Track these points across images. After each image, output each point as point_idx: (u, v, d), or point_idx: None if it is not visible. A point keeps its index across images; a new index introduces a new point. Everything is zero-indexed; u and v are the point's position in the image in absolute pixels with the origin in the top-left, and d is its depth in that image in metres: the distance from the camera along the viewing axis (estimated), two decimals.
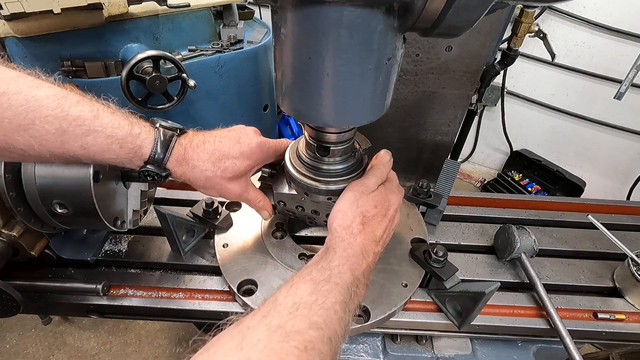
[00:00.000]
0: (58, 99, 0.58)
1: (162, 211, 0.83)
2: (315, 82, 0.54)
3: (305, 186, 0.74)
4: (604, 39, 2.42)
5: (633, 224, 1.10)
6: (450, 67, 1.39)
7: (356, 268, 0.63)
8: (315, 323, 0.51)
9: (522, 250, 0.89)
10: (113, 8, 1.73)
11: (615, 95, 1.95)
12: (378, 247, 0.70)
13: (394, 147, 1.69)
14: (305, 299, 0.54)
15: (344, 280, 0.60)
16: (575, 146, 2.90)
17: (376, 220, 0.70)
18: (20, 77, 0.57)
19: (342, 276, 0.60)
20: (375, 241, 0.69)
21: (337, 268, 0.61)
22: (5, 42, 1.73)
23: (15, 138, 0.56)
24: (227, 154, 0.71)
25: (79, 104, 0.60)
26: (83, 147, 0.60)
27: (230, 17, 2.27)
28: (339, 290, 0.58)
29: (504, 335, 0.87)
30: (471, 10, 0.45)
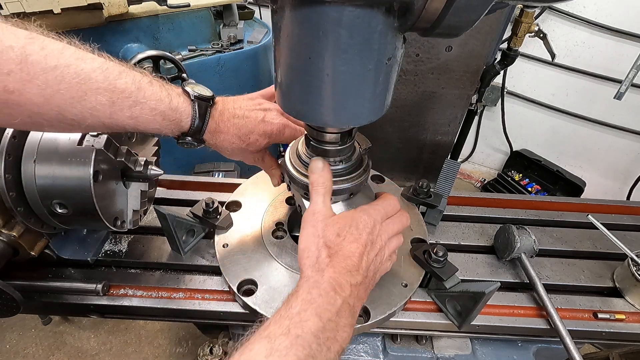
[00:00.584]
0: (103, 71, 0.59)
1: (162, 211, 0.83)
2: (315, 82, 0.54)
3: (306, 186, 0.74)
4: (604, 39, 2.42)
5: (633, 224, 1.10)
6: (450, 67, 1.39)
7: (326, 310, 0.55)
8: None
9: (522, 250, 0.89)
10: (113, 8, 1.73)
11: (615, 95, 1.95)
12: (357, 276, 0.61)
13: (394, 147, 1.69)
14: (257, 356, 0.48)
15: (307, 330, 0.52)
16: (575, 146, 2.90)
17: (347, 247, 0.62)
18: (65, 49, 0.56)
19: (304, 325, 0.52)
20: (350, 271, 0.60)
21: (298, 316, 0.53)
22: None
23: (69, 110, 0.57)
24: (252, 130, 0.77)
25: (121, 75, 0.61)
26: (131, 118, 0.63)
27: (230, 17, 2.27)
28: (300, 344, 0.50)
29: (504, 335, 0.87)
30: (471, 10, 0.45)
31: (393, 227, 0.71)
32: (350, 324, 0.58)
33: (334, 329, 0.55)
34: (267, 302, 0.78)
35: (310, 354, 0.50)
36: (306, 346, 0.50)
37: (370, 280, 0.65)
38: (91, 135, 0.74)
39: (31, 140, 0.74)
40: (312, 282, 0.58)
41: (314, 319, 0.53)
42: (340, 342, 0.55)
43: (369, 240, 0.65)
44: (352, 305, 0.59)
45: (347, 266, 0.61)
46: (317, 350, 0.51)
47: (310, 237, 0.64)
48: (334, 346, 0.54)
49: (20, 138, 0.73)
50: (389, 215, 0.71)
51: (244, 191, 1.04)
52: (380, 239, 0.67)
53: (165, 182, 1.16)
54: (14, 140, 0.72)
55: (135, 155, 0.85)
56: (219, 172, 2.28)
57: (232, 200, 1.00)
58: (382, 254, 0.68)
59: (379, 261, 0.67)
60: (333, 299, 0.57)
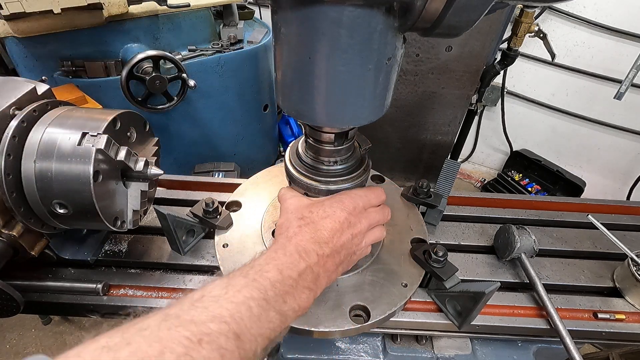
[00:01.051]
0: None
1: (162, 211, 0.83)
2: (315, 82, 0.54)
3: (305, 186, 0.74)
4: (604, 39, 2.42)
5: (633, 224, 1.10)
6: (450, 67, 1.39)
7: (287, 267, 0.57)
8: (219, 316, 0.46)
9: (522, 250, 0.89)
10: (113, 8, 1.73)
11: (615, 95, 1.95)
12: (326, 248, 0.62)
13: (394, 147, 1.69)
14: (214, 292, 0.50)
15: (266, 277, 0.54)
16: (575, 146, 2.90)
17: (321, 222, 0.64)
18: None
19: (263, 273, 0.54)
20: (318, 242, 0.61)
21: (259, 266, 0.56)
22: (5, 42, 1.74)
23: None
24: None
25: None
26: None
27: (230, 17, 2.27)
28: (255, 286, 0.52)
29: (504, 335, 0.87)
30: (471, 10, 0.45)
31: (375, 217, 0.71)
32: (311, 290, 0.59)
33: (292, 286, 0.56)
34: None
35: (265, 297, 0.52)
36: (262, 289, 0.52)
37: (342, 259, 0.65)
38: (91, 135, 0.74)
39: (31, 140, 0.74)
40: (279, 245, 0.61)
41: (274, 271, 0.55)
42: (297, 301, 0.56)
43: (346, 221, 0.66)
44: (317, 274, 0.60)
45: (316, 237, 0.62)
46: (272, 297, 0.53)
47: (287, 214, 0.68)
48: (290, 301, 0.55)
49: (20, 138, 0.73)
50: (373, 204, 0.72)
51: (244, 191, 1.04)
52: (361, 223, 0.68)
53: (165, 182, 1.16)
54: (14, 140, 0.72)
55: (135, 155, 0.85)
56: (219, 172, 2.29)
57: (232, 200, 1.00)
58: (360, 237, 0.68)
59: (355, 243, 0.67)
60: (297, 261, 0.58)
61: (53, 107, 0.82)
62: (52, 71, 1.85)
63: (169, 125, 2.21)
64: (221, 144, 2.52)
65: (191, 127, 2.31)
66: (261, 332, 0.50)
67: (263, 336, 0.50)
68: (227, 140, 2.54)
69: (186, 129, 2.30)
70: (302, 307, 0.58)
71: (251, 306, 0.50)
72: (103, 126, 0.76)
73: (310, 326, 0.73)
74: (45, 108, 0.80)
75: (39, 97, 0.82)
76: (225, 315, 0.47)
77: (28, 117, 0.75)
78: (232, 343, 0.45)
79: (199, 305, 0.47)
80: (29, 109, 0.76)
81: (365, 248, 0.72)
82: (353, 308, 0.77)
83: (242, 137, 2.60)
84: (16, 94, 0.77)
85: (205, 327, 0.44)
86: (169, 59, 1.88)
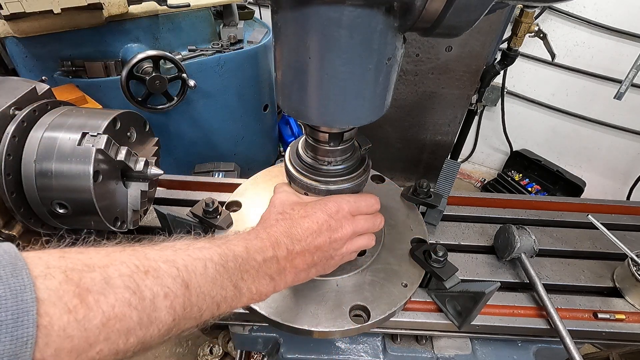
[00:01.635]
0: None
1: (162, 211, 0.83)
2: (315, 82, 0.54)
3: (305, 186, 0.74)
4: (604, 39, 2.42)
5: (633, 224, 1.10)
6: (450, 67, 1.39)
7: (255, 250, 0.56)
8: (172, 261, 0.46)
9: (522, 250, 0.89)
10: (113, 8, 1.73)
11: (615, 95, 1.95)
12: (297, 245, 0.61)
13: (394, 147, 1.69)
14: (176, 246, 0.50)
15: (231, 249, 0.54)
16: (575, 146, 2.90)
17: (298, 220, 0.64)
18: None
19: (230, 245, 0.54)
20: (291, 237, 0.61)
21: (229, 239, 0.56)
22: (5, 42, 1.74)
23: None
24: None
25: None
26: None
27: (230, 17, 2.27)
28: (218, 252, 0.52)
29: (504, 335, 0.87)
30: (471, 10, 0.45)
31: (363, 224, 0.70)
32: (273, 279, 0.59)
33: (255, 268, 0.56)
34: (267, 302, 0.78)
35: (224, 265, 0.51)
36: (223, 257, 0.52)
37: (316, 260, 0.64)
38: (91, 135, 0.74)
39: (31, 140, 0.74)
40: (254, 230, 0.61)
41: (241, 247, 0.55)
42: (256, 284, 0.56)
43: (326, 223, 0.65)
44: (283, 267, 0.60)
45: (290, 232, 0.62)
46: (232, 269, 0.52)
47: (271, 207, 0.69)
48: (248, 281, 0.54)
49: (20, 138, 0.74)
50: (362, 212, 0.70)
51: (244, 191, 1.04)
52: (343, 228, 0.66)
53: (165, 182, 1.16)
54: (14, 140, 0.72)
55: (135, 155, 0.85)
56: (219, 172, 2.29)
57: (232, 200, 1.00)
58: (340, 243, 0.66)
59: (334, 247, 0.66)
60: (266, 247, 0.58)
61: (53, 107, 0.82)
62: (52, 71, 1.85)
63: (169, 125, 2.21)
64: (221, 144, 2.52)
65: (191, 127, 2.31)
66: (212, 295, 0.49)
67: (213, 300, 0.50)
68: (227, 140, 2.54)
69: (186, 129, 2.30)
70: (259, 293, 0.57)
71: (207, 266, 0.49)
72: (103, 126, 0.76)
73: (310, 326, 0.73)
74: (45, 108, 0.80)
75: (39, 97, 0.82)
76: (179, 263, 0.47)
77: (28, 117, 0.75)
78: (178, 288, 0.45)
79: (157, 249, 0.47)
80: (29, 109, 0.76)
81: (348, 254, 0.70)
82: (353, 308, 0.77)
83: (242, 137, 2.60)
84: (16, 94, 0.77)
85: (155, 264, 0.44)
86: (169, 59, 1.88)
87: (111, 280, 0.39)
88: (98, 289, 0.38)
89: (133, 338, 0.40)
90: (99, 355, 0.37)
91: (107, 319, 0.37)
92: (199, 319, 0.49)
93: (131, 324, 0.39)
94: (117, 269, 0.41)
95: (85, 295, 0.36)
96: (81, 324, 0.35)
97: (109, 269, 0.40)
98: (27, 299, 0.32)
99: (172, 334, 0.46)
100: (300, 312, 0.76)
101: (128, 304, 0.39)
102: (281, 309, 0.76)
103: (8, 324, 0.31)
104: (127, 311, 0.39)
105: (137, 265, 0.43)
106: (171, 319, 0.44)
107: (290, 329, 0.74)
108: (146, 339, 0.42)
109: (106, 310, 0.37)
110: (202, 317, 0.49)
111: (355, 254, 0.73)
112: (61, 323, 0.34)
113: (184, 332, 0.48)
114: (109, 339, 0.37)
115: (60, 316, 0.34)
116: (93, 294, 0.37)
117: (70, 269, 0.37)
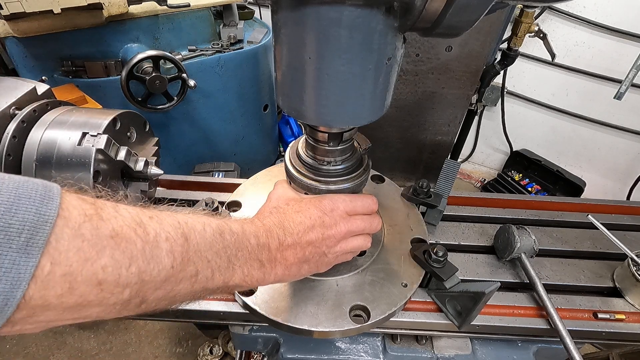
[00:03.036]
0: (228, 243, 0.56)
1: None
2: (315, 82, 0.54)
3: (305, 186, 0.74)
4: (604, 39, 2.43)
5: (633, 224, 1.10)
6: (450, 67, 1.39)
7: (250, 233, 0.57)
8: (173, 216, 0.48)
9: (522, 250, 0.89)
10: (113, 8, 1.73)
11: (615, 95, 1.95)
12: (288, 238, 0.61)
13: (394, 147, 1.69)
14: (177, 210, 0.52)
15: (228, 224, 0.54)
16: (575, 146, 2.90)
17: (292, 214, 0.64)
18: None
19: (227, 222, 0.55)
20: (283, 229, 0.61)
21: (227, 218, 0.57)
22: (5, 42, 1.74)
23: None
24: None
25: None
26: None
27: (230, 17, 2.27)
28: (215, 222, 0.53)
29: (504, 335, 0.87)
30: (471, 10, 0.45)
31: (359, 224, 0.69)
32: (263, 265, 0.58)
33: (249, 250, 0.55)
34: (267, 302, 0.78)
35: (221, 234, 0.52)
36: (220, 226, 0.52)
37: (307, 256, 0.63)
38: (91, 135, 0.74)
39: (31, 140, 0.74)
40: (248, 219, 0.61)
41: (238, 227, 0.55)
42: (247, 266, 0.55)
43: (319, 219, 0.64)
44: (274, 257, 0.59)
45: (282, 225, 0.62)
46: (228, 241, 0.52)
47: (267, 202, 0.71)
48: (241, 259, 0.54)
49: (20, 138, 0.74)
50: (358, 212, 0.70)
51: (244, 191, 1.04)
52: (337, 226, 0.66)
53: (165, 182, 1.16)
54: (14, 140, 0.72)
55: (136, 155, 0.85)
56: (219, 172, 2.29)
57: (232, 200, 1.00)
58: (333, 240, 0.66)
59: (326, 245, 0.65)
60: (260, 234, 0.58)
61: (53, 107, 0.82)
62: (52, 71, 1.85)
63: (169, 125, 2.21)
64: (221, 144, 2.52)
65: (191, 127, 2.31)
66: (208, 258, 0.49)
67: (209, 264, 0.49)
68: (227, 140, 2.54)
69: (186, 129, 2.30)
70: (250, 276, 0.56)
71: (205, 229, 0.50)
72: (103, 126, 0.76)
73: (310, 326, 0.73)
74: (45, 108, 0.80)
75: (39, 97, 0.82)
76: (180, 218, 0.48)
77: (28, 117, 0.75)
78: (179, 236, 0.46)
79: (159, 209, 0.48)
80: (29, 109, 0.76)
81: (342, 254, 0.69)
82: (353, 308, 0.77)
83: (242, 137, 2.60)
84: (16, 94, 0.77)
85: (159, 213, 0.46)
86: (169, 59, 1.88)
87: (120, 210, 0.42)
88: (109, 211, 0.41)
89: (134, 267, 0.41)
90: (104, 272, 0.38)
91: (116, 234, 0.40)
92: (194, 281, 0.48)
93: (134, 250, 0.41)
94: (125, 208, 0.44)
95: (100, 210, 0.40)
96: (94, 227, 0.38)
97: (119, 207, 0.43)
98: (54, 192, 0.36)
99: (167, 286, 0.45)
100: (300, 312, 0.76)
101: (134, 230, 0.42)
102: (281, 309, 0.76)
103: (35, 200, 0.34)
104: (132, 236, 0.41)
105: (143, 211, 0.45)
106: (169, 265, 0.44)
107: (290, 329, 0.74)
108: (145, 275, 0.42)
109: (116, 227, 0.40)
110: (197, 278, 0.48)
111: (350, 255, 0.73)
112: (78, 220, 0.37)
113: (178, 295, 0.48)
114: (113, 256, 0.39)
115: (78, 215, 0.38)
116: (106, 212, 0.40)
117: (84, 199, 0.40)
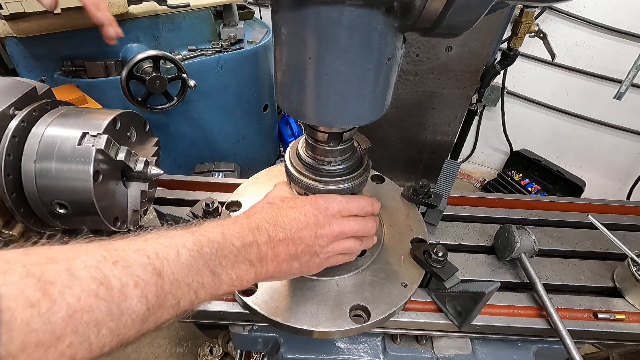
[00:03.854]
0: None
1: (162, 211, 0.83)
2: (315, 82, 0.54)
3: (305, 186, 0.74)
4: (604, 39, 2.42)
5: (633, 224, 1.10)
6: (450, 67, 1.39)
7: (232, 235, 0.55)
8: (142, 249, 0.45)
9: (522, 250, 0.89)
10: (113, 8, 1.73)
11: (615, 95, 1.95)
12: (280, 233, 0.60)
13: (394, 147, 1.69)
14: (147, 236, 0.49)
15: (205, 235, 0.52)
16: (575, 146, 2.90)
17: (285, 210, 0.63)
18: None
19: (205, 232, 0.53)
20: (274, 224, 0.60)
21: (204, 227, 0.55)
22: (5, 42, 1.73)
23: None
24: None
25: None
26: None
27: (230, 17, 2.27)
28: (192, 238, 0.51)
29: (504, 335, 0.87)
30: (471, 10, 0.45)
31: (353, 226, 0.68)
32: (253, 265, 0.57)
33: (233, 253, 0.54)
34: (267, 302, 0.78)
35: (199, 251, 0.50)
36: (197, 243, 0.51)
37: (299, 253, 0.62)
38: (91, 135, 0.74)
39: (31, 140, 0.74)
40: (232, 219, 0.60)
41: (217, 233, 0.54)
42: (235, 270, 0.54)
43: (313, 217, 0.63)
44: (264, 254, 0.58)
45: (273, 219, 0.60)
46: (208, 254, 0.51)
47: (262, 200, 0.69)
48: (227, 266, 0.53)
49: (20, 138, 0.73)
50: (352, 213, 0.69)
51: (244, 191, 1.04)
52: (330, 226, 0.65)
53: (165, 182, 1.16)
54: (14, 140, 0.72)
55: (136, 155, 0.85)
56: (219, 172, 2.29)
57: (232, 200, 1.00)
58: (326, 240, 0.65)
59: (319, 244, 0.64)
60: (245, 233, 0.56)
61: (53, 107, 0.82)
62: (52, 71, 1.85)
63: (169, 125, 2.21)
64: (221, 144, 2.52)
65: (191, 127, 2.31)
66: (188, 282, 0.48)
67: (190, 287, 0.48)
68: (227, 140, 2.54)
69: (186, 129, 2.30)
70: (240, 279, 0.56)
71: (180, 253, 0.48)
72: (103, 126, 0.76)
73: (310, 326, 0.73)
74: (45, 108, 0.80)
75: (39, 97, 0.82)
76: (149, 251, 0.45)
77: (28, 117, 0.75)
78: (150, 276, 0.44)
79: (126, 241, 0.46)
80: (29, 109, 0.76)
81: (334, 256, 0.69)
82: (353, 308, 0.77)
83: (242, 137, 2.60)
84: (16, 94, 0.77)
85: (124, 253, 0.43)
86: (169, 59, 1.88)
87: (76, 272, 0.38)
88: (62, 281, 0.37)
89: (104, 329, 0.39)
90: (70, 349, 0.36)
91: (74, 311, 0.36)
92: (177, 308, 0.47)
93: (100, 315, 0.38)
94: (83, 260, 0.40)
95: (48, 288, 0.36)
96: (45, 317, 0.34)
97: (74, 261, 0.39)
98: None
99: (148, 324, 0.44)
100: (300, 312, 0.76)
101: (95, 294, 0.38)
102: (281, 309, 0.76)
103: None
104: (94, 302, 0.38)
105: (104, 256, 0.42)
106: (144, 309, 0.43)
107: (290, 329, 0.74)
108: (120, 330, 0.41)
109: (71, 302, 0.36)
110: (179, 305, 0.48)
111: (341, 257, 0.72)
112: (24, 317, 0.33)
113: (162, 322, 0.47)
114: (77, 331, 0.36)
115: (23, 310, 0.33)
116: (57, 287, 0.36)
117: (32, 263, 0.36)
